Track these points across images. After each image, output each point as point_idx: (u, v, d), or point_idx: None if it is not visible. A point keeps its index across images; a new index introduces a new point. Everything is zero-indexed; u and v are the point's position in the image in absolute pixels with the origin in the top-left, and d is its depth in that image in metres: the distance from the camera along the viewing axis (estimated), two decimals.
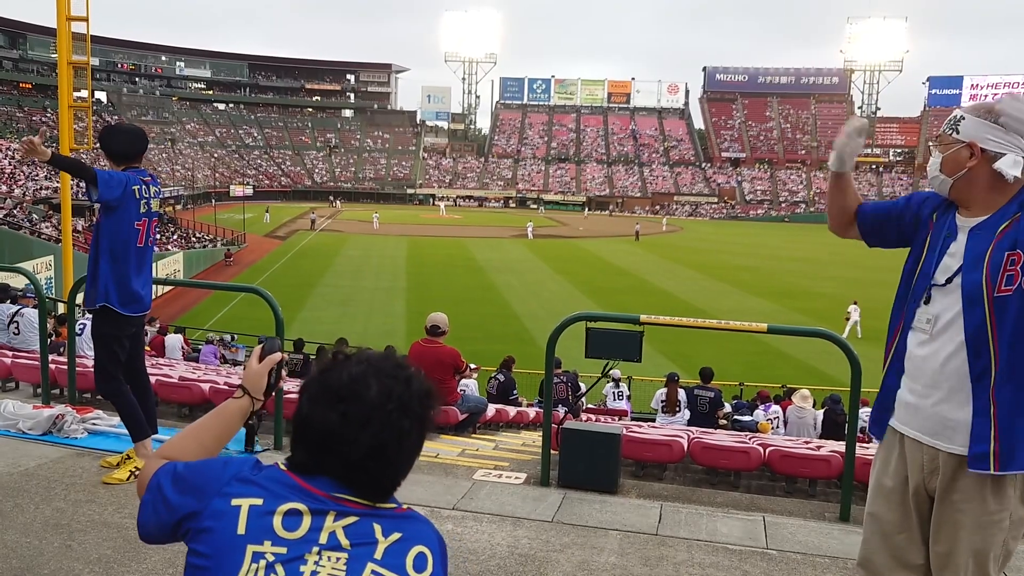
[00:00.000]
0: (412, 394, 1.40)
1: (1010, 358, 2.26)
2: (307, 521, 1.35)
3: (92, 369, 7.46)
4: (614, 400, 14.19)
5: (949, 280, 2.36)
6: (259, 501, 1.36)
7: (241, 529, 1.34)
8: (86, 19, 15.57)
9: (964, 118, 2.37)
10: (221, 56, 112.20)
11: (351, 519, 1.36)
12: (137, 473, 4.68)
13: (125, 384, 4.73)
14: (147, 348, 11.62)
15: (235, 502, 1.36)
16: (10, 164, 47.83)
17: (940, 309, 2.37)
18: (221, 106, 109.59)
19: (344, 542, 1.34)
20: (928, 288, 2.41)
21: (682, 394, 11.80)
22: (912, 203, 2.59)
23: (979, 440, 2.28)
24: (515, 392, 12.73)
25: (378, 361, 1.43)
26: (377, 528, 1.38)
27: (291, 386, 6.74)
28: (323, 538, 1.34)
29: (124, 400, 4.69)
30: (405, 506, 1.45)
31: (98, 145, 4.55)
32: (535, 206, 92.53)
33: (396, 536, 1.38)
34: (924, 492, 2.44)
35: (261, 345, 1.75)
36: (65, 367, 6.52)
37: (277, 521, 1.34)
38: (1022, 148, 2.32)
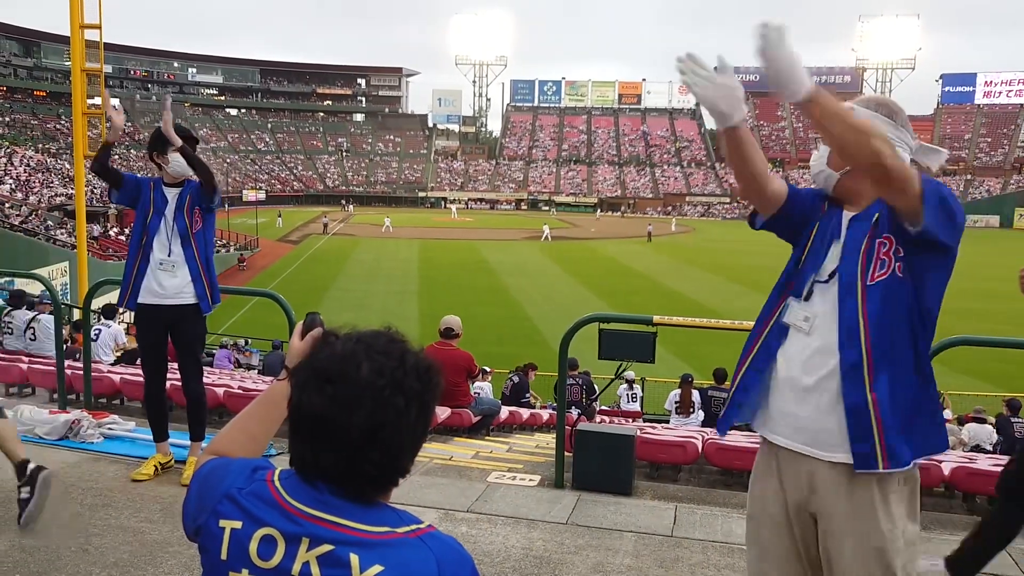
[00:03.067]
0: (407, 370, 1.28)
1: (883, 349, 2.12)
2: (281, 548, 1.26)
3: (108, 374, 7.53)
4: (628, 402, 14.17)
5: (832, 275, 2.22)
6: (238, 524, 1.30)
7: (224, 555, 1.29)
8: (99, 27, 15.67)
9: (854, 109, 2.23)
10: (233, 62, 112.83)
11: (325, 548, 1.25)
12: (160, 470, 4.74)
13: None
14: None
15: (221, 523, 1.31)
16: (25, 171, 48.24)
17: (819, 307, 2.22)
18: (233, 111, 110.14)
19: (316, 574, 1.24)
20: (811, 283, 2.26)
21: (696, 395, 11.77)
22: (811, 191, 2.43)
23: (859, 439, 2.11)
24: (528, 394, 12.74)
25: (369, 338, 1.32)
26: (354, 559, 1.24)
27: None
28: (296, 568, 1.25)
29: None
30: (412, 528, 1.29)
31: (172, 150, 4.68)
32: (547, 208, 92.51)
33: (376, 570, 1.23)
34: (807, 514, 2.23)
35: (302, 322, 1.68)
36: (81, 372, 6.55)
37: (253, 548, 1.27)
38: (909, 145, 2.28)
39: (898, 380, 2.13)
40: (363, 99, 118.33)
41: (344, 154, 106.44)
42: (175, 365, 5.04)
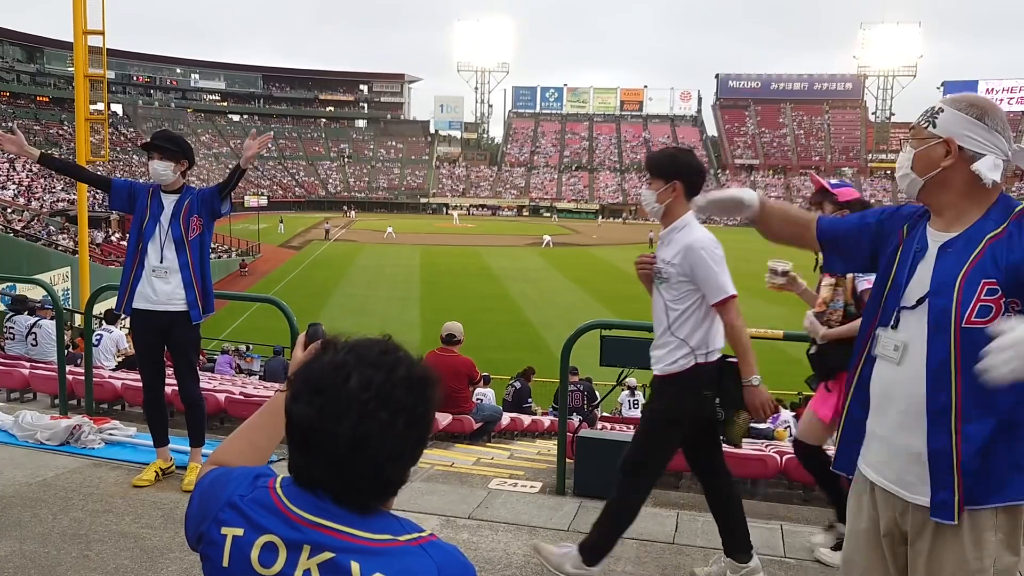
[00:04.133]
0: (395, 382, 1.27)
1: (975, 396, 1.96)
2: (282, 556, 1.26)
3: (109, 380, 7.53)
4: (629, 408, 14.16)
5: (920, 302, 2.06)
6: (240, 531, 1.29)
7: (225, 562, 1.29)
8: (102, 33, 15.74)
9: (943, 110, 2.06)
10: (235, 68, 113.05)
11: (326, 555, 1.25)
12: (161, 475, 4.74)
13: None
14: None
15: (224, 531, 1.31)
16: (28, 176, 48.33)
17: (908, 336, 2.09)
18: (235, 117, 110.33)
19: None
20: (897, 311, 2.12)
21: None
22: (884, 214, 2.28)
23: (940, 486, 2.01)
24: (530, 400, 12.73)
25: (363, 349, 1.31)
26: (355, 567, 1.23)
27: None
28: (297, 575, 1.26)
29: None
30: (413, 536, 1.29)
31: (161, 155, 4.70)
32: (548, 214, 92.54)
33: None
34: (898, 533, 2.15)
35: (305, 332, 1.67)
36: (82, 378, 6.55)
37: (254, 555, 1.27)
38: (1003, 151, 2.04)
39: (992, 429, 1.97)
40: (365, 105, 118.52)
41: (346, 160, 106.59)
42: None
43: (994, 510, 2.01)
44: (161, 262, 4.62)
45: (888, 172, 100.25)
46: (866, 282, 3.56)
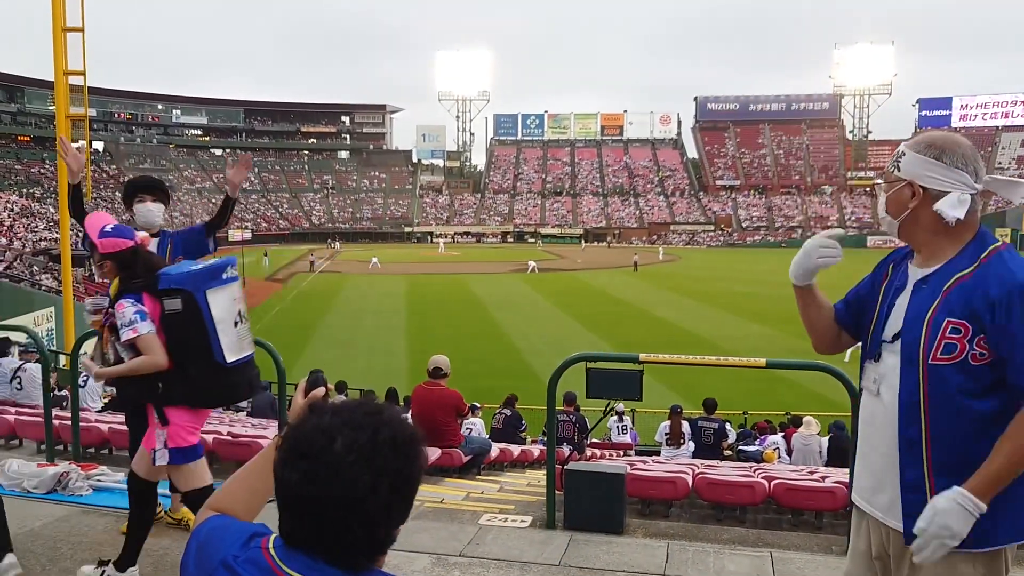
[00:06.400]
0: (377, 445, 1.28)
1: (942, 430, 2.04)
2: None
3: (96, 424, 7.49)
4: (619, 434, 14.16)
5: (896, 337, 2.16)
6: None
7: None
8: (83, 73, 15.76)
9: (905, 153, 2.15)
10: (217, 103, 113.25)
11: None
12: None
13: None
14: None
15: None
16: (9, 216, 48.07)
17: (885, 369, 2.18)
18: (218, 152, 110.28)
19: None
20: (880, 344, 2.21)
21: (686, 426, 11.79)
22: (877, 267, 2.39)
23: (910, 516, 2.06)
24: (524, 424, 12.71)
25: (349, 411, 1.32)
26: None
27: None
28: None
29: None
30: None
31: (154, 197, 4.76)
32: (532, 240, 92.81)
33: None
34: (887, 556, 2.23)
35: (306, 380, 1.69)
36: (68, 423, 6.51)
37: None
38: (968, 185, 2.09)
39: (963, 463, 2.01)
40: (347, 136, 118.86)
41: (329, 191, 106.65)
42: None
43: (968, 556, 2.05)
44: None
45: (867, 190, 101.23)
46: (131, 331, 3.52)
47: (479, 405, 14.10)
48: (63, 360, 15.33)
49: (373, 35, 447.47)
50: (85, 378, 10.34)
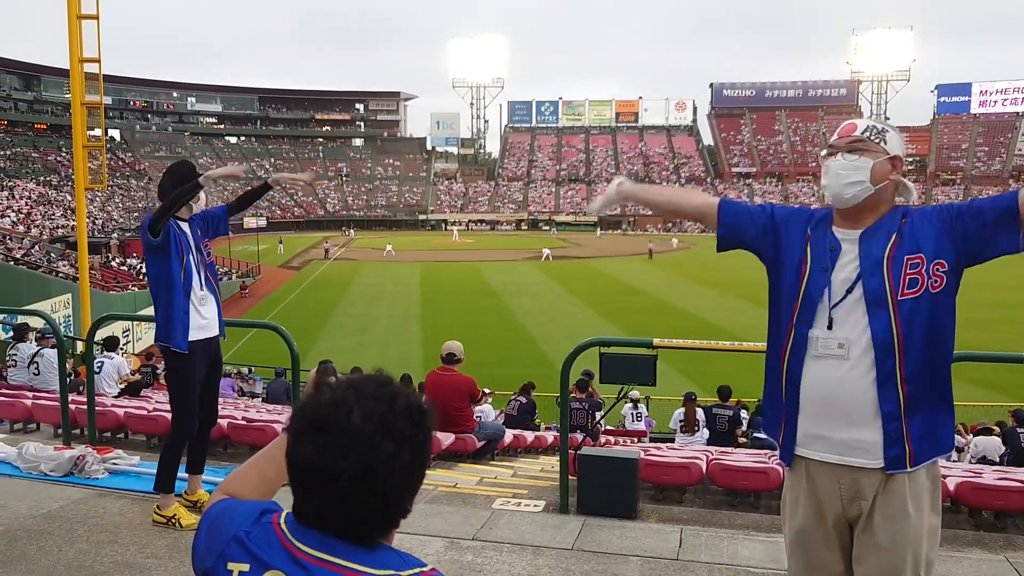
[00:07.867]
0: (396, 413, 1.29)
1: (914, 358, 2.24)
2: None
3: (112, 408, 7.55)
4: (633, 421, 14.14)
5: (849, 291, 2.30)
6: (246, 567, 1.32)
7: None
8: (98, 60, 15.83)
9: (887, 131, 2.39)
10: (231, 90, 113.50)
11: None
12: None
13: None
14: (160, 383, 11.73)
15: (229, 566, 1.33)
16: (27, 204, 48.45)
17: (849, 329, 2.30)
18: (233, 139, 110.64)
19: None
20: (828, 310, 2.32)
21: (700, 413, 11.76)
22: (776, 213, 2.53)
23: (892, 444, 2.26)
24: (536, 413, 12.72)
25: (360, 384, 1.33)
26: None
27: None
28: None
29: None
30: (415, 571, 1.30)
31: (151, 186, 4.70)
32: (547, 228, 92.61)
33: None
34: (844, 522, 2.36)
35: (316, 371, 1.69)
36: (85, 407, 6.56)
37: None
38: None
39: (926, 387, 2.27)
40: (362, 124, 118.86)
41: (344, 179, 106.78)
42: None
43: (924, 471, 2.30)
44: (201, 289, 4.67)
45: None
46: None
47: (490, 391, 14.12)
48: (80, 346, 15.46)
49: (387, 22, 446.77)
50: (100, 364, 10.43)
